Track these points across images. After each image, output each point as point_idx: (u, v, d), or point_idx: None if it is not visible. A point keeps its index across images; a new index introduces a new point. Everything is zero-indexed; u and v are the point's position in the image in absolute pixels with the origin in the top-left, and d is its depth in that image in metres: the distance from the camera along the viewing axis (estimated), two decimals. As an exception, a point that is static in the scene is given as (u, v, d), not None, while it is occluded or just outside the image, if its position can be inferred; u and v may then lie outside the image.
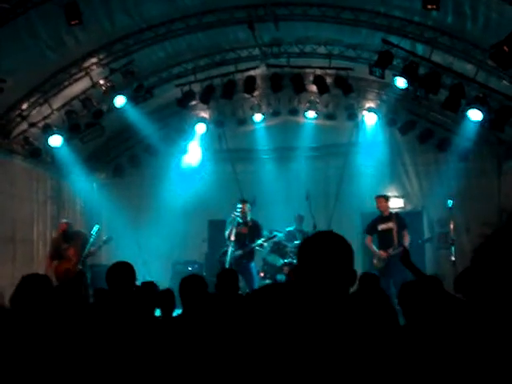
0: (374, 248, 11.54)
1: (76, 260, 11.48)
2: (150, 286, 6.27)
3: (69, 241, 11.65)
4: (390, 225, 11.45)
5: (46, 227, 14.33)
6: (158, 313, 6.21)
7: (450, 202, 11.28)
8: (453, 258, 11.03)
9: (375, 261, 11.45)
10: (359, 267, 13.55)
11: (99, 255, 12.87)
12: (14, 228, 12.89)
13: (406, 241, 11.27)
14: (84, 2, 9.63)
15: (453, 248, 11.11)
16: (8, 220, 12.62)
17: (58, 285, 11.03)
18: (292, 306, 2.75)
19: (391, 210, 11.92)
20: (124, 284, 4.93)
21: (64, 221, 12.55)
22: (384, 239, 11.45)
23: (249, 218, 11.87)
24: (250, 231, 11.86)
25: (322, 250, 2.66)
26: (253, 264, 11.96)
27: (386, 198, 11.97)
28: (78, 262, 11.46)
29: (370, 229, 11.84)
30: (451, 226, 11.30)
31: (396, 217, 11.62)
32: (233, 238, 11.32)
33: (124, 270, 5.01)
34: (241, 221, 11.65)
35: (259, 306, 2.86)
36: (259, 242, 12.02)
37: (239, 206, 11.77)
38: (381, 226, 11.60)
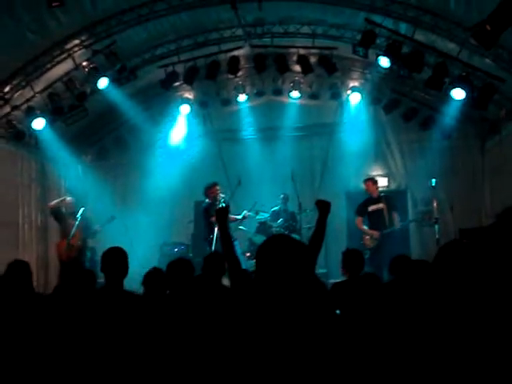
0: (366, 228, 11.67)
1: (78, 237, 11.82)
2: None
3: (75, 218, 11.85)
4: (381, 205, 11.68)
5: (30, 210, 14.28)
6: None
7: (433, 181, 11.36)
8: (437, 236, 11.13)
9: (367, 241, 11.58)
10: (344, 246, 13.67)
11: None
12: (-1, 212, 12.87)
13: (396, 221, 11.56)
14: (65, -16, 9.54)
15: (436, 226, 11.21)
16: (-7, 203, 12.59)
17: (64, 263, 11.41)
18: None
19: (380, 192, 12.10)
20: (118, 269, 5.08)
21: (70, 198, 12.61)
22: (375, 219, 11.64)
23: (225, 198, 11.88)
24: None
25: (276, 253, 2.92)
26: (236, 242, 11.99)
27: (374, 181, 12.17)
28: (80, 239, 11.86)
29: (361, 210, 11.96)
30: (435, 205, 11.39)
31: (385, 198, 11.87)
32: (214, 219, 11.29)
33: (118, 255, 5.16)
34: (217, 203, 11.63)
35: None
36: (243, 213, 12.13)
37: (217, 188, 11.85)
38: (371, 207, 11.79)
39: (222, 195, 11.76)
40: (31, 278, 5.66)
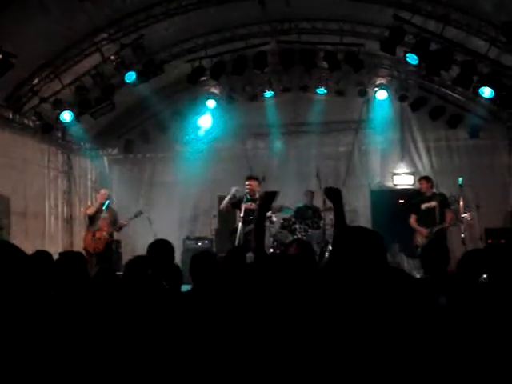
0: (418, 225, 11.44)
1: (107, 231, 11.95)
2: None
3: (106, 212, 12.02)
4: (433, 204, 11.33)
5: (57, 202, 14.47)
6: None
7: (460, 180, 11.26)
8: (462, 235, 11.04)
9: (418, 238, 11.37)
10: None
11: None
12: (26, 203, 13.01)
13: (449, 219, 11.21)
14: (94, -23, 9.62)
15: (462, 225, 11.11)
16: (20, 195, 12.74)
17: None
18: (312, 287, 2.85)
19: (434, 190, 11.70)
20: (166, 260, 5.10)
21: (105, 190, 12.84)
22: (426, 217, 11.34)
23: (257, 195, 11.78)
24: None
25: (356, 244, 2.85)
26: None
27: (428, 180, 11.76)
28: (109, 233, 12.00)
29: (414, 208, 11.69)
30: (461, 203, 11.28)
31: (439, 196, 11.50)
32: (242, 215, 11.27)
33: (166, 247, 5.18)
34: (249, 197, 11.57)
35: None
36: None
37: (247, 182, 11.71)
38: (424, 205, 11.47)
39: (247, 190, 11.69)
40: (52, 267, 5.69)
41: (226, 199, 11.61)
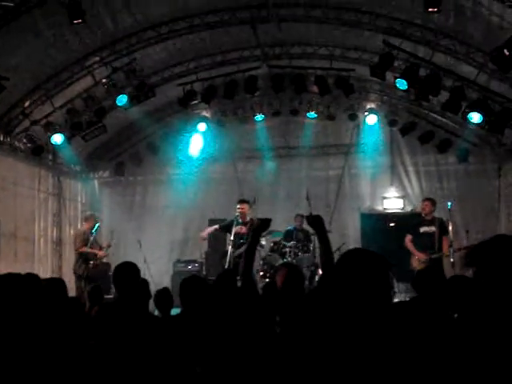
0: (414, 249, 11.08)
1: (103, 255, 11.90)
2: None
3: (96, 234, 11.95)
4: (433, 228, 11.10)
5: (47, 224, 14.43)
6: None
7: (449, 204, 11.26)
8: (451, 260, 11.03)
9: (414, 262, 11.19)
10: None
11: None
12: (16, 225, 12.97)
13: (446, 245, 10.94)
14: (87, 1, 9.66)
15: (451, 249, 11.10)
16: (10, 217, 12.71)
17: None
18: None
19: (435, 215, 11.32)
20: (129, 283, 5.02)
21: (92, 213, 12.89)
22: (424, 242, 11.03)
23: (248, 218, 11.78)
24: (249, 231, 11.75)
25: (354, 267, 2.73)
26: None
27: (434, 202, 11.39)
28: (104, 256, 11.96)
29: (412, 229, 11.33)
30: (450, 228, 11.27)
31: (439, 221, 11.19)
32: (232, 238, 11.25)
33: (130, 269, 5.11)
34: (240, 221, 11.56)
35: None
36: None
37: (238, 206, 11.71)
38: (423, 229, 11.22)
39: (238, 213, 11.68)
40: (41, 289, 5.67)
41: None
